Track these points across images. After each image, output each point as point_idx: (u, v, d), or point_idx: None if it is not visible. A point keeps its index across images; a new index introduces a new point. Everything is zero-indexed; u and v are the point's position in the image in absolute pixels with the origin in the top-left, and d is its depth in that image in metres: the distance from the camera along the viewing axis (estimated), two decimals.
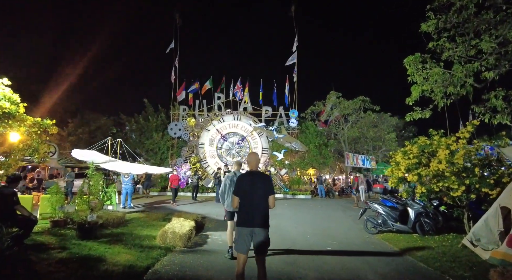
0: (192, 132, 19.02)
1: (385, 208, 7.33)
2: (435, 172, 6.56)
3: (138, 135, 20.95)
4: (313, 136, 19.16)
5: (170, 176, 12.58)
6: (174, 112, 20.23)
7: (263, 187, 3.36)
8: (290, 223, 8.62)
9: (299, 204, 13.55)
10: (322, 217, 9.88)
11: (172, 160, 19.47)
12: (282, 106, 19.54)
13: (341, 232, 7.57)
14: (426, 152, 7.34)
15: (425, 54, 8.10)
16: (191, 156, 18.78)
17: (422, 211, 6.88)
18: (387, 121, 28.40)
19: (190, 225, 6.36)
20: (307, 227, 8.10)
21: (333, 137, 26.31)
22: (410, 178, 6.82)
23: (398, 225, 7.05)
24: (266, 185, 3.40)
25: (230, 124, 19.10)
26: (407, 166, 6.93)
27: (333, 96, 24.46)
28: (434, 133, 7.67)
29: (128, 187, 10.97)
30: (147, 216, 9.00)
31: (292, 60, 19.56)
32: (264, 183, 3.40)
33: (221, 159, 18.70)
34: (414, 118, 8.64)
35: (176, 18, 20.99)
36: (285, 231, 7.38)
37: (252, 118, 19.19)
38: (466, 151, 6.45)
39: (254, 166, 3.60)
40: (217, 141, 18.90)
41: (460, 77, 6.94)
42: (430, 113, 8.56)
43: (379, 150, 30.58)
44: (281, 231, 7.40)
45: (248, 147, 18.81)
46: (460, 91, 7.76)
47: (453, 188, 6.13)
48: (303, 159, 19.49)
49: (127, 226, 7.19)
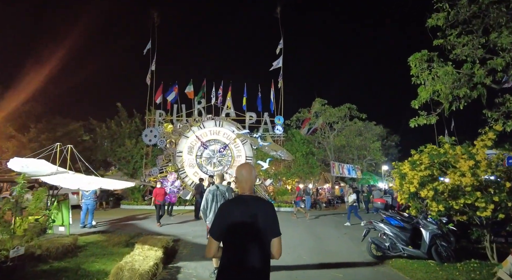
0: (169, 139, 17.44)
1: (393, 229, 6.21)
2: (455, 187, 5.53)
3: (109, 142, 19.08)
4: (299, 144, 18.11)
5: (154, 189, 10.24)
6: (150, 117, 18.59)
7: (264, 225, 1.96)
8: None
9: (286, 219, 12.28)
10: (316, 236, 8.66)
11: (146, 169, 17.73)
12: (267, 112, 18.42)
13: (342, 257, 6.36)
14: (436, 163, 6.35)
15: (432, 52, 7.23)
16: (168, 165, 17.15)
17: (438, 233, 5.81)
18: (372, 130, 28.00)
19: (156, 257, 4.93)
20: (301, 250, 6.83)
21: (317, 146, 25.50)
22: (424, 194, 5.75)
23: (410, 250, 5.93)
24: (269, 221, 1.99)
25: (211, 131, 17.70)
26: (421, 180, 5.87)
27: (317, 104, 23.74)
28: (444, 141, 6.73)
29: (89, 202, 9.30)
30: (107, 239, 7.40)
31: (277, 65, 18.58)
32: (266, 217, 1.99)
33: (201, 169, 17.19)
34: (419, 124, 7.70)
35: (153, 17, 19.56)
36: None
37: (235, 124, 17.90)
38: (488, 162, 5.49)
39: (248, 187, 2.14)
40: (197, 149, 17.41)
41: (480, 75, 6.00)
42: (436, 118, 7.66)
43: (363, 159, 30.11)
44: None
45: (230, 156, 17.45)
46: (473, 94, 6.89)
47: (480, 206, 5.10)
48: (289, 169, 18.35)
49: (76, 256, 5.62)
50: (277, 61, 18.50)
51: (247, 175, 2.15)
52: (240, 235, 1.94)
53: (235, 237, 1.95)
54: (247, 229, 1.94)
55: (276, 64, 18.54)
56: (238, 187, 2.20)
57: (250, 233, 1.94)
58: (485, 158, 5.23)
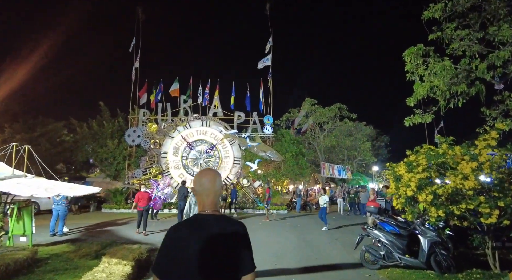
0: (153, 139, 16.67)
1: (388, 236, 5.72)
2: (455, 191, 5.08)
3: (91, 142, 18.15)
4: (289, 145, 17.60)
5: (137, 193, 9.20)
6: (133, 116, 17.76)
7: (231, 258, 1.39)
8: (267, 255, 6.74)
9: (275, 223, 11.73)
10: (306, 243, 8.12)
11: (129, 171, 16.91)
12: (256, 112, 17.85)
13: (334, 267, 5.85)
14: (433, 164, 5.91)
15: (428, 47, 6.80)
16: (151, 167, 16.39)
17: (437, 240, 5.34)
18: (362, 130, 27.82)
19: (122, 274, 4.29)
20: (290, 261, 6.28)
21: (307, 146, 25.13)
22: (422, 198, 5.27)
23: (407, 259, 5.45)
24: (239, 251, 1.42)
25: (197, 131, 17.01)
26: (419, 183, 5.40)
27: (307, 103, 23.36)
28: (442, 140, 6.30)
29: (60, 208, 8.51)
30: (76, 249, 6.67)
31: (266, 63, 18.04)
32: (234, 245, 1.41)
33: (187, 171, 16.49)
34: (414, 122, 7.28)
35: (138, 12, 18.75)
36: (264, 271, 5.49)
37: (222, 124, 17.26)
38: (490, 164, 5.06)
39: (210, 201, 1.51)
40: (183, 149, 16.69)
41: (482, 70, 5.58)
42: (431, 117, 7.25)
43: (354, 160, 29.92)
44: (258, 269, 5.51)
45: (218, 157, 16.80)
46: (471, 91, 6.49)
47: (484, 212, 4.65)
48: (278, 170, 17.83)
49: (32, 273, 4.91)
50: (266, 59, 17.96)
51: (209, 186, 1.51)
52: (195, 274, 1.34)
53: (187, 277, 1.35)
54: (205, 265, 1.34)
55: (265, 62, 17.99)
56: (198, 202, 1.59)
57: (209, 270, 1.35)
58: (489, 159, 4.78)
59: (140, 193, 8.99)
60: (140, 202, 8.73)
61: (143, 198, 8.76)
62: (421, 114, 7.11)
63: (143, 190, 9.14)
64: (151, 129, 16.78)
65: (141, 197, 8.79)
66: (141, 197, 8.81)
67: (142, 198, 8.76)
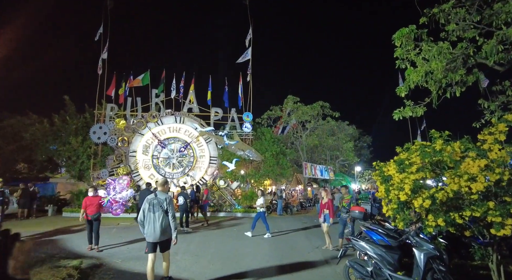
0: (121, 136, 15.23)
1: (377, 250, 4.79)
2: (457, 195, 4.22)
3: (52, 139, 16.46)
4: (269, 144, 16.63)
5: (85, 199, 7.25)
6: (100, 111, 16.23)
7: None
8: (235, 267, 5.67)
9: None
10: (283, 253, 7.11)
11: (94, 171, 15.38)
12: (234, 108, 16.77)
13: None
14: (427, 163, 5.05)
15: (421, 29, 5.96)
16: (119, 166, 14.95)
17: (435, 254, 4.45)
18: (345, 130, 27.30)
19: None
20: (260, 272, 5.25)
21: (290, 146, 24.28)
22: (418, 204, 4.37)
23: (400, 277, 4.53)
24: None
25: (170, 128, 15.72)
26: (414, 185, 4.50)
27: (290, 101, 22.51)
28: (436, 135, 5.46)
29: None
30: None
31: (245, 57, 16.99)
32: None
33: (158, 171, 15.16)
34: (404, 116, 6.43)
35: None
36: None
37: (198, 120, 16.05)
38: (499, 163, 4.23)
39: None
40: (153, 148, 15.36)
41: (491, 49, 4.74)
42: (423, 110, 6.42)
43: (336, 160, 29.40)
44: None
45: (192, 156, 15.57)
46: (469, 79, 5.69)
47: (495, 221, 3.78)
48: (258, 170, 16.81)
49: None
50: (246, 53, 16.91)
51: None
52: None
53: None
54: None
55: (244, 56, 16.94)
56: None
57: None
58: (501, 156, 3.93)
59: (89, 198, 7.23)
60: (88, 209, 7.10)
61: (91, 204, 7.12)
62: (412, 106, 6.26)
63: (92, 194, 7.25)
64: (119, 125, 15.35)
65: (89, 203, 7.11)
66: (89, 203, 7.12)
67: (91, 204, 7.12)
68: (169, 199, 4.73)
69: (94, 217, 7.12)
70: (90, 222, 7.16)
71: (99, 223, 7.22)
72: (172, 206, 4.69)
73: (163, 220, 4.57)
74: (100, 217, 7.22)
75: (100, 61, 16.21)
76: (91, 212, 7.07)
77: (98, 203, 7.22)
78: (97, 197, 7.32)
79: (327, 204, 7.64)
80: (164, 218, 4.59)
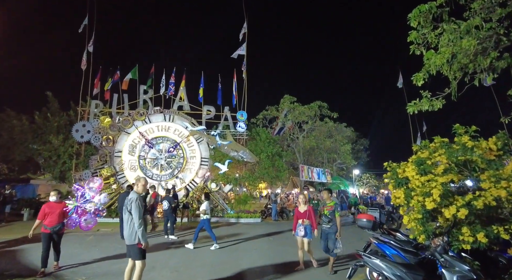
0: (106, 135, 14.19)
1: (395, 269, 3.85)
2: (498, 203, 3.34)
3: (31, 138, 15.38)
4: (265, 144, 15.71)
5: (43, 206, 5.61)
6: (84, 108, 15.19)
7: None
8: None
9: (245, 237, 9.70)
10: (274, 267, 6.16)
11: (76, 172, 14.31)
12: (228, 107, 15.82)
13: None
14: (452, 163, 4.17)
15: (442, 8, 5.11)
16: (103, 167, 13.89)
17: (471, 278, 3.54)
18: (343, 132, 26.48)
19: None
20: None
21: (286, 148, 23.39)
22: (449, 213, 3.47)
23: None
24: None
25: (159, 126, 14.72)
26: (444, 190, 3.60)
27: (286, 101, 21.65)
28: (461, 130, 4.60)
29: None
30: None
31: (240, 52, 16.10)
32: None
33: (145, 172, 14.12)
34: (421, 109, 5.55)
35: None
36: None
37: (189, 119, 15.07)
38: None
39: None
40: (140, 148, 14.33)
41: None
42: (442, 102, 5.54)
43: (333, 162, 28.55)
44: None
45: (182, 157, 14.57)
46: (499, 65, 4.84)
47: None
48: (252, 172, 15.86)
49: None
50: (241, 48, 16.03)
51: None
52: None
53: None
54: None
55: (239, 51, 16.05)
56: None
57: None
58: None
59: (49, 204, 5.53)
60: (47, 218, 5.40)
61: (53, 213, 5.42)
62: (429, 98, 5.38)
63: (54, 199, 5.57)
64: (104, 123, 14.30)
65: (49, 211, 5.41)
66: (49, 210, 5.42)
67: (52, 213, 5.42)
68: (134, 199, 4.14)
69: (55, 230, 5.47)
70: (49, 236, 5.43)
71: (61, 237, 5.70)
72: (135, 208, 4.10)
73: (128, 222, 4.15)
74: (64, 229, 5.81)
75: (85, 55, 15.20)
76: (51, 222, 5.42)
77: (61, 211, 5.62)
78: (61, 204, 5.75)
79: (306, 212, 5.90)
80: (130, 221, 4.13)
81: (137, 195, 4.21)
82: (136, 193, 4.24)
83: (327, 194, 6.04)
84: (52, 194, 5.71)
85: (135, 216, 4.05)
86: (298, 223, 5.92)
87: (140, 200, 4.17)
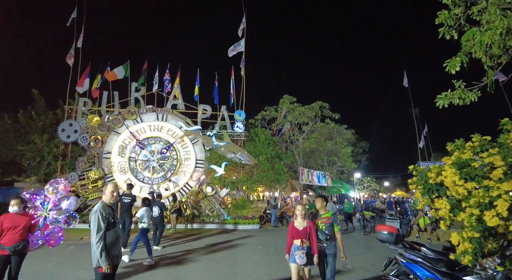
0: (95, 135, 13.26)
1: None
2: None
3: (13, 138, 14.40)
4: (264, 146, 14.86)
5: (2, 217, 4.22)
6: (72, 107, 14.25)
7: None
8: None
9: (243, 249, 8.81)
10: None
11: (62, 175, 13.33)
12: (225, 106, 14.97)
13: None
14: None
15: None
16: (91, 169, 12.94)
17: None
18: (343, 134, 25.71)
19: None
20: None
21: (284, 151, 22.57)
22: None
23: None
24: None
25: (151, 126, 13.81)
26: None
27: (286, 101, 20.85)
28: (509, 126, 3.77)
29: None
30: None
31: (238, 48, 15.30)
32: None
33: (136, 175, 13.19)
34: (452, 102, 4.73)
35: None
36: None
37: (183, 118, 14.20)
38: None
39: None
40: (131, 149, 13.41)
41: None
42: (477, 95, 4.72)
43: (333, 165, 27.75)
44: None
45: (176, 158, 13.66)
46: None
47: None
48: (250, 175, 14.99)
49: None
50: (239, 44, 15.22)
51: None
52: None
53: None
54: None
55: (237, 48, 15.24)
56: None
57: None
58: None
59: (10, 216, 4.26)
60: (6, 236, 4.13)
61: (14, 228, 4.17)
62: (463, 89, 4.56)
63: (16, 209, 4.28)
64: (92, 122, 13.38)
65: (10, 225, 4.16)
66: (10, 224, 4.17)
67: (13, 228, 4.17)
68: (94, 211, 3.28)
69: (18, 249, 4.15)
70: (6, 259, 4.14)
71: (23, 258, 4.35)
72: (94, 221, 3.22)
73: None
74: (27, 248, 4.37)
75: (72, 50, 14.29)
76: (11, 240, 4.11)
77: (26, 225, 4.29)
78: (26, 216, 4.41)
79: (306, 230, 4.24)
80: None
81: (102, 204, 3.32)
82: (101, 203, 3.37)
83: (321, 203, 4.59)
84: (13, 204, 4.33)
85: (93, 232, 3.16)
86: (295, 245, 4.19)
87: (104, 211, 3.27)
